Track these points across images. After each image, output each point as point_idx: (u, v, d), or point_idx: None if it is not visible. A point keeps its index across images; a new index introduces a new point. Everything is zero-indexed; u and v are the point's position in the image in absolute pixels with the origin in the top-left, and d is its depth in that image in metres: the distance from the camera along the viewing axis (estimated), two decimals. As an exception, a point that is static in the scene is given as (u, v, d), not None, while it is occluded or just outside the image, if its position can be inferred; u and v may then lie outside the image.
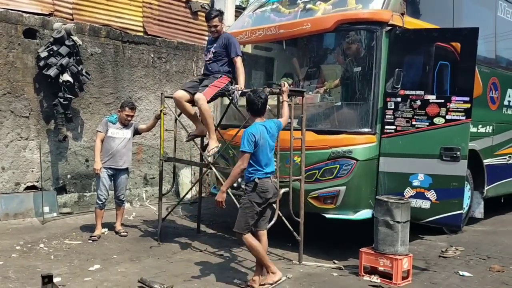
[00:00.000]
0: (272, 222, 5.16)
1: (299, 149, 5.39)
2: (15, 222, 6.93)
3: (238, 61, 5.58)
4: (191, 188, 6.93)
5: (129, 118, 6.47)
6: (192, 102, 5.65)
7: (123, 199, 6.61)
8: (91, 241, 6.12)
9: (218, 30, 5.70)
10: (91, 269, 5.03)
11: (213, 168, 5.79)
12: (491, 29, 7.53)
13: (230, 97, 5.57)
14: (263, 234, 4.69)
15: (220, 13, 5.73)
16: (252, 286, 4.53)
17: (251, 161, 4.45)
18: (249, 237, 4.48)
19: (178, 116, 6.28)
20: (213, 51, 5.71)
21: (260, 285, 4.54)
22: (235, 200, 5.58)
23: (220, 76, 5.65)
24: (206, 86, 5.56)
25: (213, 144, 5.59)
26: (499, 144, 7.57)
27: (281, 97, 5.16)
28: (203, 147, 6.56)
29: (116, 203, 6.63)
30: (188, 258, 5.53)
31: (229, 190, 5.79)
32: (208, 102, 5.53)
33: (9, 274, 4.76)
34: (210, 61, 5.75)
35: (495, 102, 7.46)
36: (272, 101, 5.62)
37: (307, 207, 5.77)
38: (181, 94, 5.69)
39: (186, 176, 9.18)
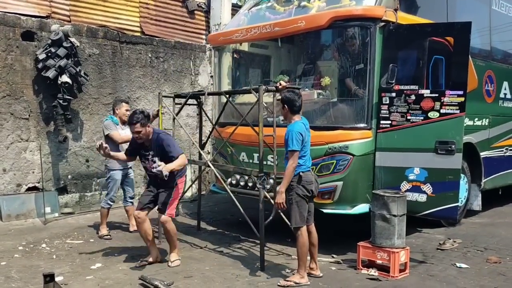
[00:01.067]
0: (270, 217, 5.23)
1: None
2: (17, 223, 7.00)
3: (180, 159, 4.92)
4: (190, 186, 6.99)
5: (129, 113, 6.44)
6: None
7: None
8: (108, 238, 6.26)
9: (143, 135, 4.95)
10: (92, 267, 5.10)
11: (212, 166, 5.85)
12: (486, 23, 7.57)
13: (159, 173, 4.76)
14: (312, 227, 4.84)
15: (144, 117, 4.89)
16: (311, 273, 4.80)
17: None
18: (304, 232, 4.61)
19: (176, 115, 6.34)
20: (154, 160, 5.03)
21: (285, 280, 4.65)
22: (233, 198, 5.64)
23: (175, 184, 5.13)
24: (166, 203, 5.10)
25: (174, 259, 5.23)
26: (495, 137, 7.62)
27: (277, 95, 5.21)
28: (201, 146, 6.63)
29: (130, 203, 6.64)
30: (188, 255, 5.60)
31: (228, 188, 5.89)
32: None
33: (12, 274, 4.84)
34: (155, 169, 4.97)
35: (491, 95, 7.50)
36: (268, 98, 5.68)
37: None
38: (143, 216, 5.18)
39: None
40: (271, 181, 5.40)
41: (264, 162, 5.44)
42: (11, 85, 7.17)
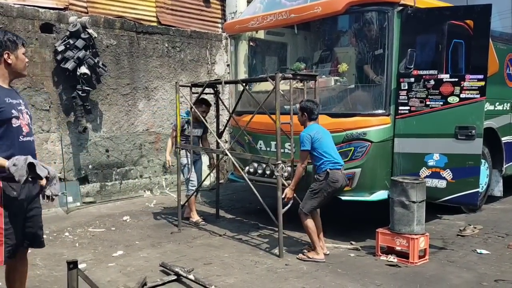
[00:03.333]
0: (289, 205, 5.25)
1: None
2: (41, 212, 7.15)
3: None
4: (208, 175, 7.04)
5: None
6: None
7: None
8: (203, 223, 6.42)
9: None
10: (114, 255, 5.20)
11: (229, 154, 5.88)
12: (507, 5, 7.39)
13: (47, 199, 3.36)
14: (317, 212, 5.17)
15: None
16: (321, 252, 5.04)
17: (318, 155, 4.91)
18: (310, 219, 4.96)
19: (194, 104, 6.37)
20: None
21: (302, 254, 5.05)
22: (251, 186, 5.67)
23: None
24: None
25: None
26: (517, 122, 7.48)
27: (294, 82, 5.23)
28: (219, 134, 6.66)
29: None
30: (207, 242, 5.66)
31: (246, 176, 5.92)
32: None
33: (37, 261, 4.96)
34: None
35: (513, 79, 7.35)
36: (284, 86, 5.67)
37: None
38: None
39: (204, 162, 9.29)
40: (289, 168, 5.41)
41: (282, 150, 5.44)
42: (31, 77, 7.28)
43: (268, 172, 6.07)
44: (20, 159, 2.93)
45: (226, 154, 5.93)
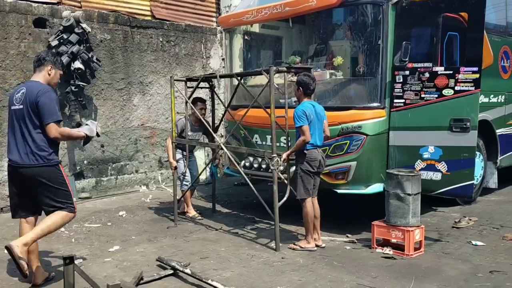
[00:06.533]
0: (284, 199, 5.25)
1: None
2: (36, 208, 7.13)
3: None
4: (204, 169, 7.04)
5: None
6: None
7: None
8: (200, 218, 6.45)
9: None
10: (110, 250, 5.19)
11: (224, 148, 5.87)
12: (502, -3, 7.41)
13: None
14: (315, 200, 5.24)
15: None
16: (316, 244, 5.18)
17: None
18: (308, 204, 5.10)
19: (188, 98, 6.36)
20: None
21: (293, 244, 5.17)
22: (247, 180, 5.67)
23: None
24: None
25: None
26: (512, 114, 7.51)
27: (289, 76, 5.23)
28: (215, 129, 6.66)
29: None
30: (204, 237, 5.67)
31: (242, 170, 5.92)
32: None
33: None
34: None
35: (507, 71, 7.36)
36: (279, 79, 5.66)
37: (319, 183, 5.84)
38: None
39: (200, 157, 9.30)
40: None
41: (278, 144, 5.45)
42: (25, 72, 7.23)
43: (263, 166, 6.09)
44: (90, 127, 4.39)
45: (222, 148, 5.93)
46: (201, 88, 6.69)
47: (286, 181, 5.30)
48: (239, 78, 5.99)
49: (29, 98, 3.90)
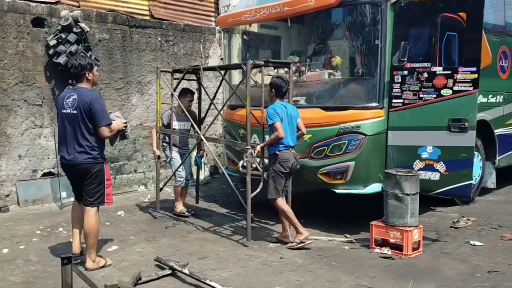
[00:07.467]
0: (257, 190, 5.45)
1: (308, 126, 5.47)
2: (34, 208, 7.13)
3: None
4: (201, 167, 7.13)
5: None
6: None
7: None
8: (186, 216, 6.51)
9: None
10: (109, 250, 5.19)
11: (204, 139, 6.07)
12: (500, -3, 7.41)
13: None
14: (288, 201, 5.39)
15: None
16: (284, 240, 5.28)
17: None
18: (280, 202, 5.19)
19: (174, 90, 6.53)
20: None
21: (291, 243, 5.20)
22: (229, 179, 5.86)
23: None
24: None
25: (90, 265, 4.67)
26: (510, 114, 7.50)
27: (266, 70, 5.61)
28: (201, 120, 6.82)
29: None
30: (202, 237, 5.66)
31: (241, 169, 5.96)
32: None
33: (31, 257, 4.94)
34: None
35: (505, 71, 7.36)
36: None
37: (317, 183, 5.86)
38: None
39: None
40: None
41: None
42: (23, 72, 7.23)
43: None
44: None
45: (202, 139, 6.12)
46: (187, 80, 6.95)
47: (261, 174, 5.51)
48: (222, 72, 6.13)
49: (82, 104, 4.40)
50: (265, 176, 5.46)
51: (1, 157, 7.04)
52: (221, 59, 9.59)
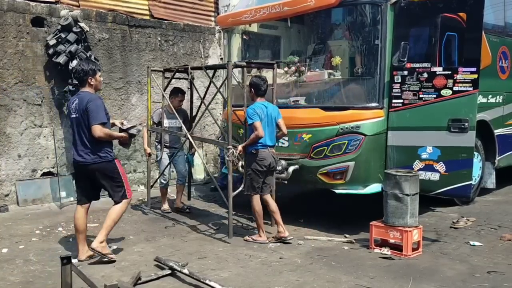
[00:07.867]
0: (240, 189, 5.64)
1: (308, 127, 5.48)
2: (34, 208, 7.12)
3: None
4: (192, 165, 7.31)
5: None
6: None
7: None
8: (167, 212, 6.75)
9: None
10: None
11: (190, 137, 6.15)
12: (500, -3, 7.41)
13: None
14: (268, 197, 5.48)
15: None
16: (281, 236, 5.35)
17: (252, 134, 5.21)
18: (255, 200, 5.37)
19: (164, 90, 6.68)
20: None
21: (248, 237, 5.45)
22: (214, 180, 5.83)
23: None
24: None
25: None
26: (510, 114, 7.50)
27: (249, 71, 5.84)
28: (191, 119, 6.87)
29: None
30: (201, 237, 5.66)
31: (241, 169, 5.96)
32: None
33: (30, 257, 4.94)
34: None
35: (505, 72, 7.36)
36: (279, 79, 5.68)
37: (317, 183, 5.86)
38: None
39: (196, 156, 9.28)
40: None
41: (277, 144, 5.48)
42: (23, 72, 7.22)
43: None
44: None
45: (188, 138, 6.21)
46: (178, 79, 7.09)
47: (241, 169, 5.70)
48: (207, 71, 6.25)
49: (81, 107, 4.59)
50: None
51: (1, 156, 7.03)
52: (221, 59, 9.58)
